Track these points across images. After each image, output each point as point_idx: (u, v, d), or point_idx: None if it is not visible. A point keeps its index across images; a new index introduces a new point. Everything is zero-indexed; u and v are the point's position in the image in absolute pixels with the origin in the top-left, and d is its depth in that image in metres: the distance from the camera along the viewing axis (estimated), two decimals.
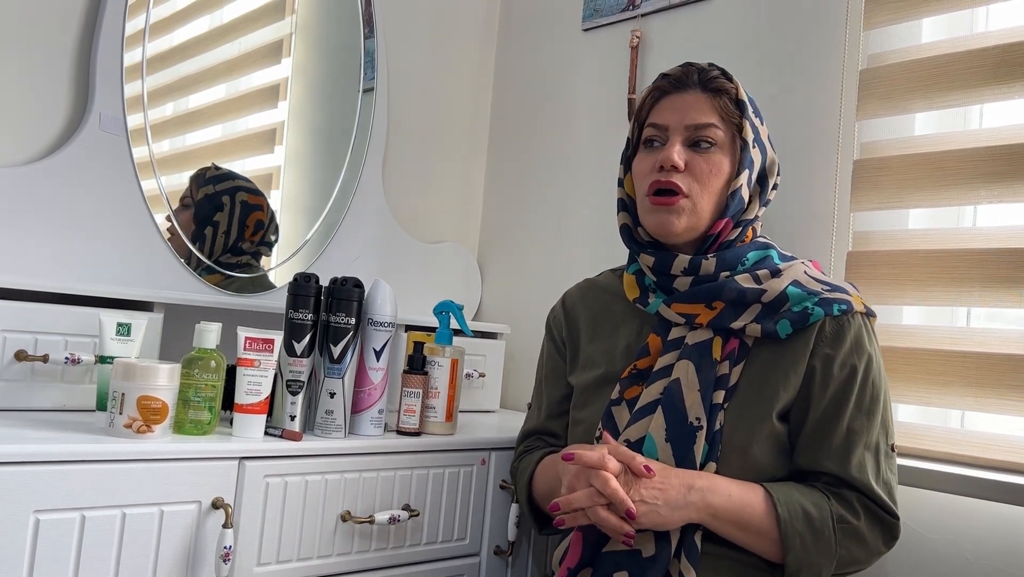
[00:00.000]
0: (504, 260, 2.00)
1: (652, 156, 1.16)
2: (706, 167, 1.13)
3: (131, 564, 1.04)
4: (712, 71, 1.17)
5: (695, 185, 1.13)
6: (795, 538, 1.02)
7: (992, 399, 1.22)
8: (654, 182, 1.14)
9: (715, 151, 1.14)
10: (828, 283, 1.14)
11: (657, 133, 1.16)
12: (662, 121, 1.16)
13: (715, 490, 1.03)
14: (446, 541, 1.34)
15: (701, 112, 1.14)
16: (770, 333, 1.09)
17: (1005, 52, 1.25)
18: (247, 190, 1.64)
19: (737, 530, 1.04)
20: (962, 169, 1.28)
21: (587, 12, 1.87)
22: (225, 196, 1.60)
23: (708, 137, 1.14)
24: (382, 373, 1.29)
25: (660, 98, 1.18)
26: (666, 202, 1.13)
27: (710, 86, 1.15)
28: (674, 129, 1.15)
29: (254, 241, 1.64)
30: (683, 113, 1.14)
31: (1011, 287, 1.22)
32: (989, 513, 1.20)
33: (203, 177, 1.58)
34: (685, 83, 1.16)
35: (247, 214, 1.63)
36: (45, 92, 1.42)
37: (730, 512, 1.03)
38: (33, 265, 1.37)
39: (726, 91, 1.15)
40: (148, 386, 1.08)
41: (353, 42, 1.80)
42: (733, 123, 1.15)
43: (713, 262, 1.13)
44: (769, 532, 1.04)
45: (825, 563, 1.04)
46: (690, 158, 1.13)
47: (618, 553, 1.05)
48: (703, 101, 1.15)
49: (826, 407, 1.08)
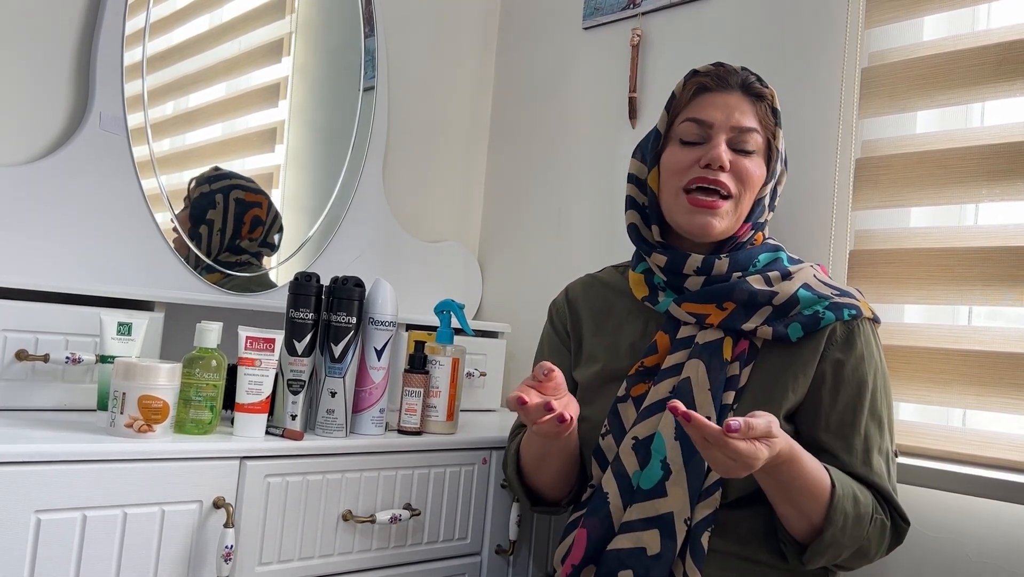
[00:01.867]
0: (505, 259, 2.00)
1: (692, 152, 1.13)
2: (751, 168, 1.12)
3: (132, 564, 1.04)
4: (751, 75, 1.16)
5: (739, 187, 1.12)
6: (840, 516, 1.00)
7: (993, 397, 1.22)
8: (698, 178, 1.11)
9: (755, 157, 1.13)
10: (837, 288, 1.14)
11: (698, 130, 1.13)
12: (706, 117, 1.12)
13: (794, 461, 0.98)
14: (447, 540, 1.34)
15: (745, 115, 1.12)
16: (781, 336, 1.09)
17: (1006, 50, 1.25)
18: (243, 188, 1.63)
19: (790, 494, 1.00)
20: (964, 167, 1.28)
21: (587, 11, 1.87)
22: (218, 194, 1.60)
23: (750, 143, 1.12)
24: (383, 372, 1.29)
25: (700, 93, 1.15)
26: (710, 204, 1.11)
27: (751, 90, 1.14)
28: (719, 128, 1.12)
29: (254, 239, 1.64)
30: (728, 112, 1.12)
31: (1013, 285, 1.22)
32: (990, 511, 1.20)
33: (201, 177, 1.58)
34: (727, 82, 1.14)
35: (243, 211, 1.62)
36: (45, 91, 1.42)
37: (798, 481, 0.99)
38: (34, 265, 1.37)
39: (765, 98, 1.15)
40: (149, 386, 1.08)
41: (353, 41, 1.80)
42: (769, 130, 1.14)
43: (726, 263, 1.13)
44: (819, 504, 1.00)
45: (849, 547, 1.03)
46: (734, 159, 1.11)
47: (622, 551, 1.05)
48: (746, 104, 1.13)
49: (842, 412, 1.08)
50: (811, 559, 1.03)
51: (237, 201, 1.62)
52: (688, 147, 1.14)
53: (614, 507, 1.09)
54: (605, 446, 1.14)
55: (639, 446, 1.09)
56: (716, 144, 1.11)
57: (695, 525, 1.05)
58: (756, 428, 0.90)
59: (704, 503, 1.06)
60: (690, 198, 1.12)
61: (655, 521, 1.05)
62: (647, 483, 1.07)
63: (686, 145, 1.14)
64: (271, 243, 1.67)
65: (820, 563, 1.04)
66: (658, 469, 1.07)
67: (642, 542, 1.05)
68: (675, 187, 1.14)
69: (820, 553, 1.02)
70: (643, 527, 1.05)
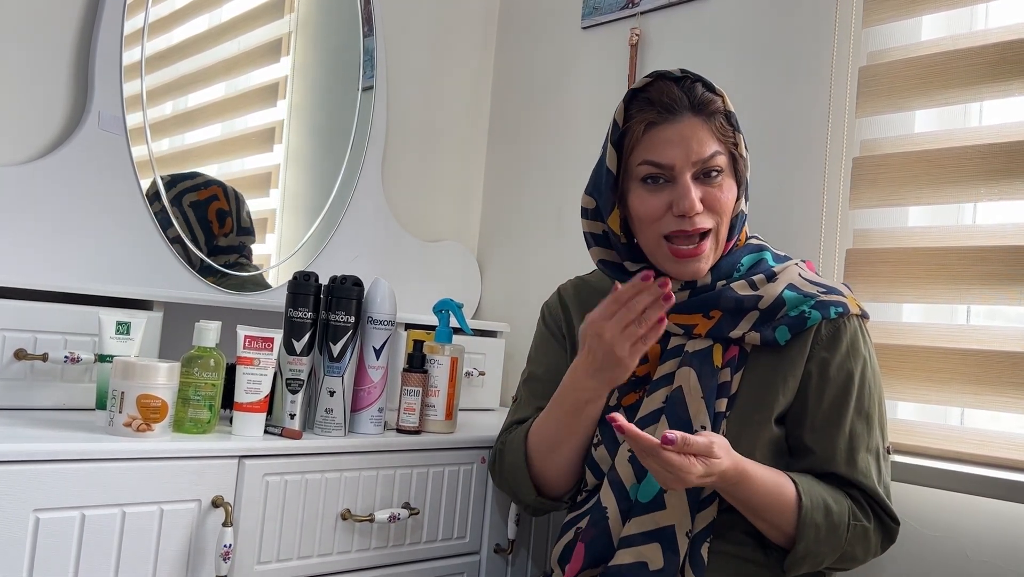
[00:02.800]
0: (504, 258, 2.00)
1: (660, 196, 1.08)
2: (722, 196, 1.08)
3: (131, 563, 1.04)
4: (696, 88, 1.08)
5: (715, 218, 1.08)
6: (811, 529, 1.01)
7: (991, 396, 1.22)
8: (676, 232, 1.07)
9: (723, 177, 1.08)
10: (823, 285, 1.13)
11: (660, 172, 1.08)
12: (665, 160, 1.06)
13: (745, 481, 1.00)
14: (446, 539, 1.34)
15: (703, 143, 1.06)
16: (769, 340, 1.08)
17: (1004, 50, 1.25)
18: (193, 189, 1.57)
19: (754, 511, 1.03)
20: (962, 167, 1.28)
21: (586, 10, 1.87)
22: (173, 207, 1.53)
23: (716, 166, 1.07)
24: (382, 371, 1.29)
25: (650, 129, 1.07)
26: (693, 253, 1.08)
27: (702, 109, 1.07)
28: (681, 168, 1.06)
29: (227, 234, 1.61)
30: (685, 148, 1.06)
31: (1010, 285, 1.22)
32: (988, 510, 1.20)
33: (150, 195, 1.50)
34: (675, 109, 1.06)
35: (203, 212, 1.57)
36: (44, 91, 1.42)
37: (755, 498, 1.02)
38: (32, 264, 1.37)
39: (717, 110, 1.08)
40: (148, 385, 1.08)
41: (352, 40, 1.80)
42: (730, 142, 1.09)
43: (708, 274, 1.11)
44: (786, 518, 1.02)
45: (828, 554, 1.04)
46: (704, 193, 1.07)
47: (624, 567, 1.04)
48: (701, 128, 1.06)
49: (827, 411, 1.08)
50: (791, 567, 1.05)
51: (192, 205, 1.56)
52: (654, 191, 1.08)
53: (612, 520, 1.07)
54: (598, 456, 1.13)
55: (634, 458, 1.08)
56: (684, 190, 1.06)
57: (695, 536, 1.05)
58: (693, 445, 0.93)
59: (703, 513, 1.06)
60: (672, 248, 1.08)
61: (655, 535, 1.04)
62: (645, 496, 1.06)
63: (650, 188, 1.09)
64: (246, 228, 1.63)
65: (803, 570, 1.05)
66: (655, 482, 1.05)
67: (643, 557, 1.04)
68: (655, 235, 1.09)
69: (798, 563, 1.04)
70: (643, 541, 1.04)
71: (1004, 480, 1.15)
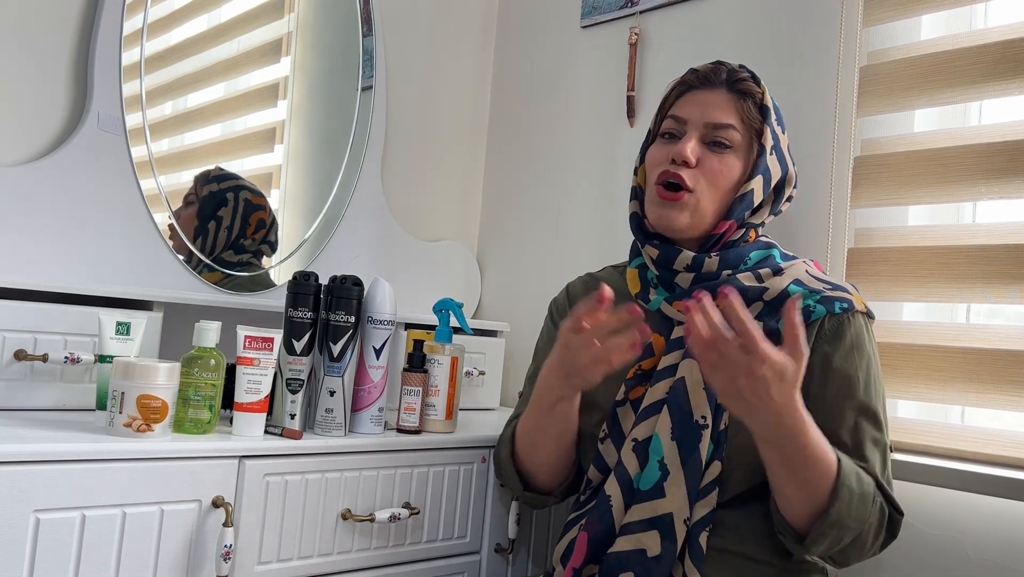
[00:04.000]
0: (503, 258, 2.00)
1: (667, 148, 1.16)
2: (718, 167, 1.13)
3: (132, 563, 1.04)
4: (742, 72, 1.17)
5: (702, 182, 1.12)
6: (846, 492, 0.98)
7: (993, 395, 1.22)
8: (663, 172, 1.14)
9: (730, 153, 1.14)
10: (830, 282, 1.14)
11: (676, 126, 1.16)
12: (683, 114, 1.16)
13: (796, 436, 0.95)
14: (447, 539, 1.34)
15: (722, 111, 1.14)
16: (772, 331, 1.09)
17: (1005, 48, 1.25)
18: (250, 190, 1.65)
19: (800, 464, 0.97)
20: (962, 165, 1.28)
21: (585, 9, 1.87)
22: (229, 193, 1.61)
23: (725, 138, 1.13)
24: (382, 371, 1.29)
25: (685, 92, 1.18)
26: (671, 197, 1.13)
27: (736, 87, 1.15)
28: (693, 124, 1.15)
29: (256, 239, 1.64)
30: (704, 109, 1.14)
31: (1011, 283, 1.22)
32: (990, 508, 1.20)
33: (207, 176, 1.59)
34: (712, 80, 1.16)
35: (250, 212, 1.63)
36: (43, 91, 1.42)
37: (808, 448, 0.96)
38: (32, 264, 1.36)
39: (751, 94, 1.15)
40: (148, 385, 1.08)
41: (352, 40, 1.80)
42: (753, 128, 1.15)
43: (716, 261, 1.13)
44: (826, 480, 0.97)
45: (851, 530, 1.00)
46: (703, 155, 1.13)
47: (623, 553, 1.05)
48: (726, 101, 1.15)
49: (830, 404, 1.08)
50: (813, 542, 1.00)
51: (246, 202, 1.63)
52: (665, 143, 1.17)
53: (616, 509, 1.08)
54: (604, 451, 1.14)
55: (639, 448, 1.09)
56: (685, 140, 1.14)
57: (693, 525, 1.05)
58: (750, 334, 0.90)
59: (702, 502, 1.06)
60: (658, 190, 1.15)
61: (654, 522, 1.05)
62: (646, 484, 1.07)
63: (664, 141, 1.18)
64: (271, 242, 1.68)
65: (822, 546, 1.00)
66: (656, 470, 1.07)
67: (642, 544, 1.04)
68: (651, 181, 1.17)
69: (823, 534, 0.99)
70: (642, 528, 1.05)
71: (1005, 478, 1.15)
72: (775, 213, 1.19)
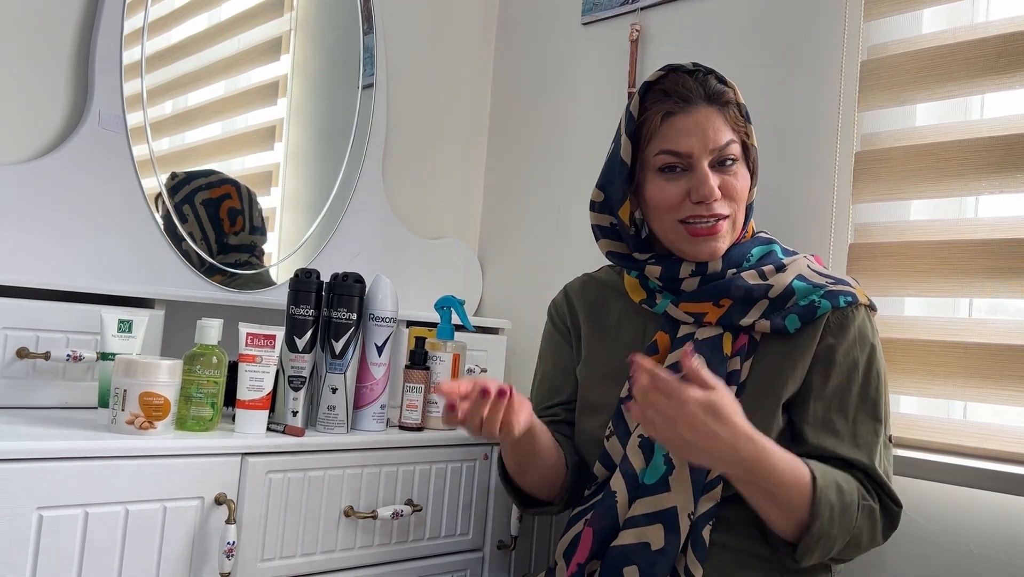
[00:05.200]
0: (505, 255, 2.00)
1: (677, 184, 1.11)
2: (737, 184, 1.11)
3: (134, 561, 1.04)
4: (710, 80, 1.12)
5: (733, 205, 1.12)
6: (826, 508, 0.98)
7: (994, 390, 1.22)
8: (694, 216, 1.10)
9: (738, 164, 1.12)
10: (832, 276, 1.14)
11: (677, 160, 1.10)
12: (683, 149, 1.10)
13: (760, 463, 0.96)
14: (449, 536, 1.35)
15: (719, 132, 1.10)
16: (779, 328, 1.09)
17: (1006, 42, 1.25)
18: (206, 187, 1.58)
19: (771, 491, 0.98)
20: (964, 160, 1.28)
21: (586, 6, 1.87)
22: (185, 205, 1.54)
23: (731, 154, 1.11)
24: (384, 368, 1.29)
25: (667, 119, 1.11)
26: (711, 232, 1.10)
27: (717, 99, 1.11)
28: (698, 156, 1.09)
29: (238, 232, 1.62)
30: (702, 136, 1.09)
31: (1013, 278, 1.22)
32: (991, 503, 1.20)
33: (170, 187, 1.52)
34: (691, 99, 1.10)
35: (215, 210, 1.58)
36: (44, 90, 1.42)
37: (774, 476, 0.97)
38: (34, 263, 1.37)
39: (730, 101, 1.13)
40: (150, 383, 1.08)
41: (352, 38, 1.80)
42: (741, 133, 1.13)
43: (720, 261, 1.13)
44: (802, 500, 0.98)
45: (840, 538, 1.01)
46: (721, 181, 1.10)
47: (627, 547, 1.05)
48: (716, 117, 1.10)
49: (832, 395, 1.08)
50: (803, 555, 1.02)
51: (204, 203, 1.57)
52: (671, 179, 1.11)
53: (620, 504, 1.08)
54: (610, 448, 1.14)
55: (644, 443, 1.10)
56: (703, 177, 1.09)
57: (697, 519, 1.05)
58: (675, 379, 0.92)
59: (706, 497, 1.06)
60: (689, 229, 1.11)
61: (659, 516, 1.05)
62: (651, 478, 1.07)
63: (668, 176, 1.11)
64: (258, 227, 1.64)
65: (813, 558, 1.02)
66: (661, 464, 1.07)
67: (646, 537, 1.05)
68: (671, 221, 1.12)
69: (811, 549, 1.01)
70: (646, 522, 1.05)
71: (1007, 473, 1.15)
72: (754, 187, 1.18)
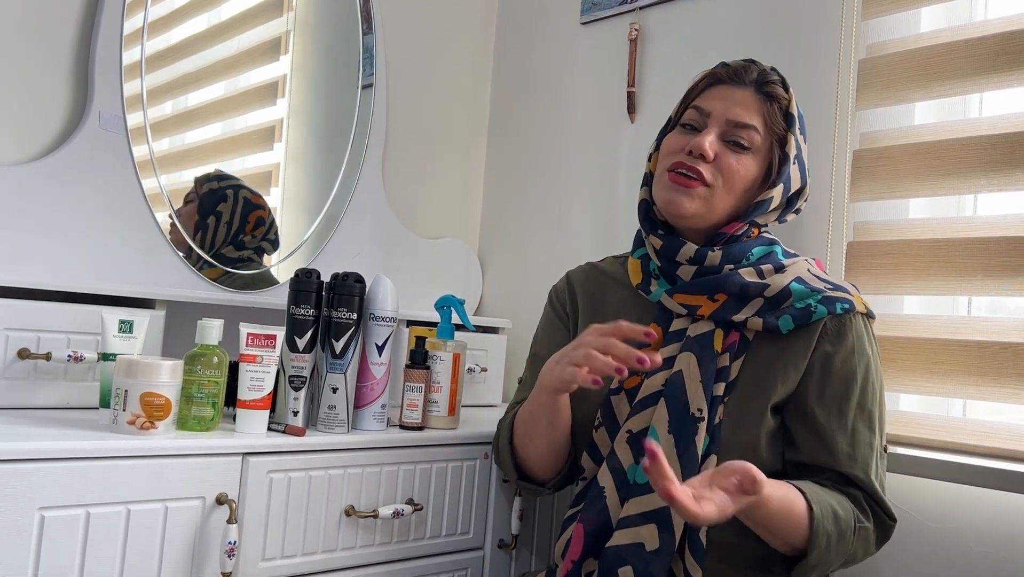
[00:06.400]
0: (505, 254, 2.00)
1: (685, 138, 1.15)
2: (735, 166, 1.12)
3: (136, 560, 1.04)
4: (772, 75, 1.16)
5: (719, 178, 1.12)
6: (823, 538, 0.99)
7: (993, 387, 1.23)
8: (678, 163, 1.13)
9: (748, 155, 1.13)
10: (831, 282, 1.14)
11: (697, 118, 1.15)
12: (706, 106, 1.14)
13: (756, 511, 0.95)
14: (450, 535, 1.35)
15: (747, 111, 1.13)
16: (771, 328, 1.09)
17: (1004, 40, 1.25)
18: (250, 191, 1.65)
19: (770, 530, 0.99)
20: (962, 158, 1.28)
21: (585, 5, 1.87)
22: (229, 190, 1.62)
23: (745, 139, 1.12)
24: (384, 368, 1.29)
25: (712, 85, 1.16)
26: (684, 183, 1.12)
27: (764, 89, 1.14)
28: (715, 118, 1.13)
29: (256, 236, 1.65)
30: (729, 105, 1.13)
31: (1012, 275, 1.22)
32: (991, 501, 1.20)
33: (207, 176, 1.60)
34: (741, 78, 1.15)
35: (249, 210, 1.64)
36: (44, 91, 1.42)
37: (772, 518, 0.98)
38: (35, 264, 1.37)
39: (778, 99, 1.14)
40: (151, 383, 1.09)
41: (351, 38, 1.80)
42: (775, 133, 1.14)
43: (719, 255, 1.13)
44: (799, 533, 0.99)
45: (835, 561, 1.03)
46: (721, 151, 1.12)
47: (621, 547, 1.05)
48: (752, 101, 1.13)
49: (828, 406, 1.08)
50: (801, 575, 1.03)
51: (245, 200, 1.63)
52: (684, 133, 1.16)
53: (611, 502, 1.08)
54: (598, 439, 1.14)
55: (634, 440, 1.09)
56: (705, 133, 1.12)
57: None
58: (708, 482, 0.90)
59: None
60: (669, 175, 1.14)
61: (652, 516, 1.05)
62: (643, 477, 1.07)
63: (683, 131, 1.16)
64: (271, 240, 1.68)
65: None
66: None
67: (640, 537, 1.04)
68: (663, 168, 1.16)
69: (808, 572, 1.02)
70: (640, 522, 1.05)
71: (1007, 471, 1.15)
72: (781, 221, 1.19)
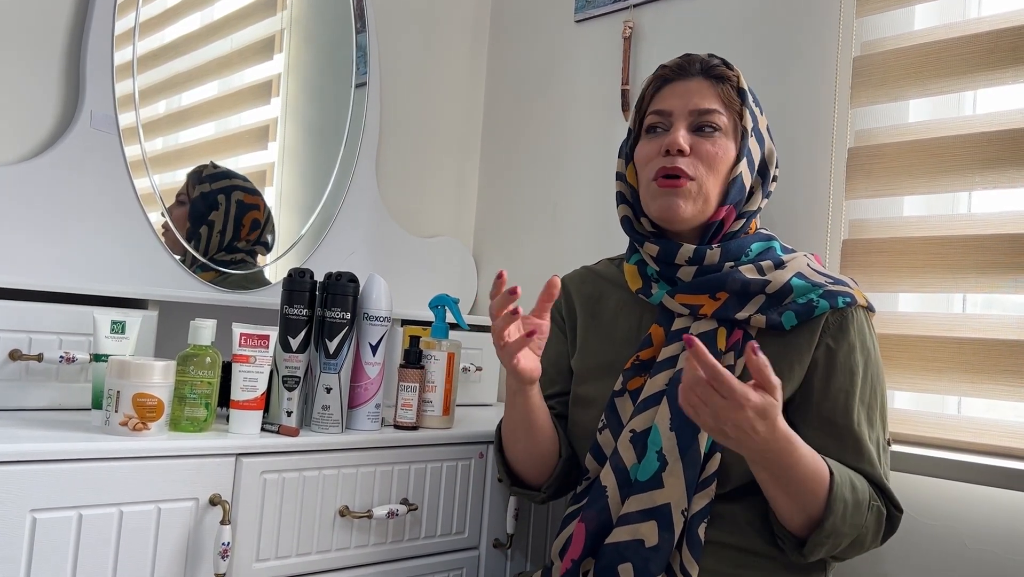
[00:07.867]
0: (499, 253, 2.00)
1: (656, 142, 1.16)
2: (712, 149, 1.13)
3: (129, 562, 1.04)
4: (713, 59, 1.18)
5: (701, 168, 1.13)
6: (840, 504, 0.99)
7: (988, 385, 1.23)
8: (660, 168, 1.13)
9: (720, 136, 1.14)
10: (831, 276, 1.14)
11: (660, 120, 1.16)
12: (666, 107, 1.16)
13: (785, 456, 0.96)
14: (445, 535, 1.34)
15: (704, 98, 1.14)
16: (775, 324, 1.09)
17: (998, 37, 1.25)
18: (244, 189, 1.63)
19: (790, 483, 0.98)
20: (957, 155, 1.28)
21: (579, 3, 1.86)
22: (220, 195, 1.60)
23: (712, 122, 1.14)
24: (378, 367, 1.29)
25: (662, 86, 1.18)
26: (673, 184, 1.12)
27: (712, 73, 1.16)
28: (678, 115, 1.15)
29: (250, 240, 1.64)
30: (686, 99, 1.15)
31: (1006, 273, 1.22)
32: (986, 498, 1.20)
33: (200, 175, 1.58)
34: (687, 71, 1.17)
35: (243, 213, 1.63)
36: (35, 90, 1.42)
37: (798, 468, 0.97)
38: (26, 264, 1.36)
39: (728, 79, 1.16)
40: (143, 384, 1.08)
41: (345, 37, 1.79)
42: (734, 110, 1.15)
43: (717, 252, 1.13)
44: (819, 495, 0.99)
45: (849, 535, 1.02)
46: (695, 142, 1.13)
47: (620, 544, 1.05)
48: (706, 87, 1.15)
49: (833, 400, 1.08)
50: (811, 551, 1.02)
51: (238, 203, 1.62)
52: (653, 138, 1.17)
53: (612, 500, 1.09)
54: (602, 441, 1.14)
55: (636, 439, 1.09)
56: (674, 130, 1.14)
57: (692, 516, 1.05)
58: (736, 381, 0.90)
59: (701, 494, 1.06)
60: (657, 182, 1.14)
61: (652, 513, 1.05)
62: (644, 475, 1.07)
63: (651, 136, 1.17)
64: (265, 242, 1.67)
65: (820, 554, 1.03)
66: (654, 460, 1.07)
67: (639, 534, 1.05)
68: (647, 178, 1.16)
69: (820, 544, 1.01)
70: (640, 519, 1.05)
71: (1001, 468, 1.15)
72: (767, 196, 1.19)
